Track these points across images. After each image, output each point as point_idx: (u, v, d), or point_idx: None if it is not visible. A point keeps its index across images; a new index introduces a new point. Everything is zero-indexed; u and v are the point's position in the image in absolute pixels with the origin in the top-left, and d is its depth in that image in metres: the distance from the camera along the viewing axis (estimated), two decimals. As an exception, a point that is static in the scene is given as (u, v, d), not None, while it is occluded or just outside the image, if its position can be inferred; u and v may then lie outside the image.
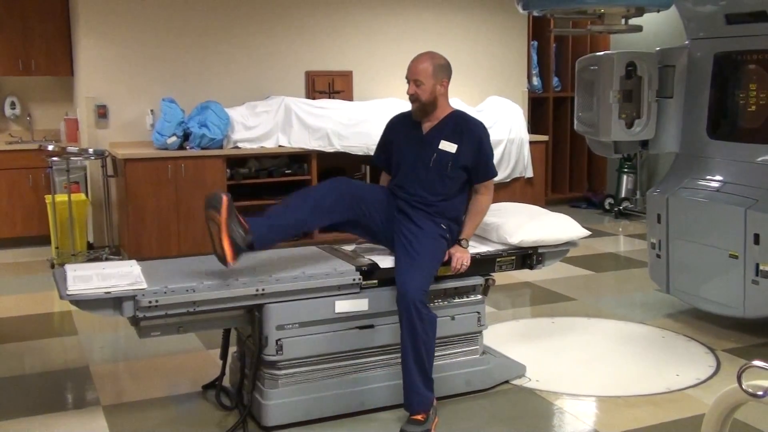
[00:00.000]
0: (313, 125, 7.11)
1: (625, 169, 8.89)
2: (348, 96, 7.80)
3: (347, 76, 7.86)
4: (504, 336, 4.58)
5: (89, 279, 3.18)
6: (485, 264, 3.77)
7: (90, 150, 6.64)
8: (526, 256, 3.89)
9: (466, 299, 3.73)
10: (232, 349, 3.77)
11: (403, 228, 3.55)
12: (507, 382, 3.91)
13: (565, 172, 9.59)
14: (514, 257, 3.85)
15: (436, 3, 8.23)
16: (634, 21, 4.78)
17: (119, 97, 7.07)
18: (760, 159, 4.51)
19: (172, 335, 3.34)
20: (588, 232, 4.07)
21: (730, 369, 4.09)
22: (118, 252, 6.85)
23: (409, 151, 3.66)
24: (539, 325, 4.94)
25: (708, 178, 4.75)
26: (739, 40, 4.61)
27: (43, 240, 6.93)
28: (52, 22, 7.29)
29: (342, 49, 7.86)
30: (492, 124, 7.77)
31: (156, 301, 3.13)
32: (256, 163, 7.08)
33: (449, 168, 3.58)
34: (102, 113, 7.01)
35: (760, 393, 1.98)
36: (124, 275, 3.23)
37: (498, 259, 3.81)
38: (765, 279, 4.28)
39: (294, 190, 3.70)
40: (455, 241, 3.63)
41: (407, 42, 7.92)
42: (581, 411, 3.68)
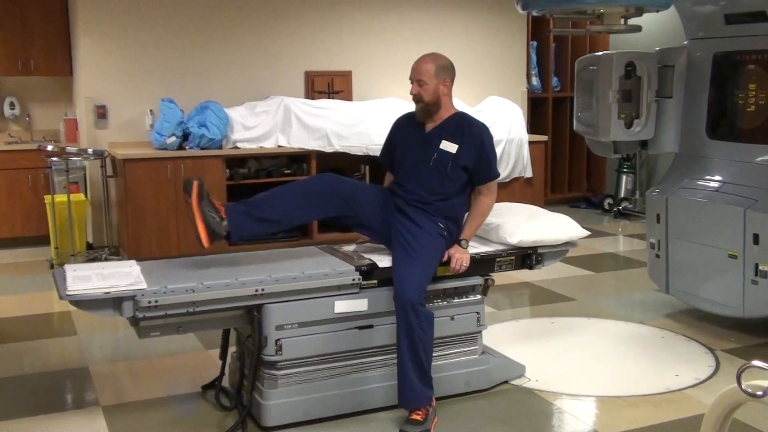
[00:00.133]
0: (313, 125, 7.11)
1: (625, 169, 8.89)
2: (347, 96, 7.80)
3: (347, 76, 7.86)
4: (503, 336, 4.58)
5: (89, 279, 3.18)
6: (485, 264, 3.77)
7: (89, 150, 6.64)
8: (525, 256, 3.89)
9: (465, 299, 3.73)
10: (231, 350, 3.78)
11: (401, 226, 3.56)
12: (506, 382, 3.91)
13: (565, 172, 9.59)
14: (513, 257, 3.85)
15: (435, 3, 8.23)
16: (633, 21, 4.78)
17: (118, 98, 7.07)
18: (759, 159, 4.51)
19: (171, 335, 3.34)
20: (587, 232, 4.07)
21: (729, 369, 4.09)
22: (117, 252, 6.85)
23: (411, 150, 3.69)
24: (539, 326, 4.94)
25: (707, 178, 4.75)
26: (739, 40, 4.61)
27: (43, 240, 6.93)
28: (51, 22, 7.29)
29: (341, 49, 7.86)
30: (491, 124, 7.72)
31: (155, 302, 3.13)
32: (255, 164, 7.08)
33: (449, 168, 3.59)
34: (101, 113, 7.01)
35: (759, 393, 1.98)
36: (123, 275, 3.23)
37: (497, 259, 3.81)
38: (764, 279, 4.28)
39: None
40: (454, 241, 3.64)
41: (407, 42, 7.94)
42: (581, 411, 3.68)
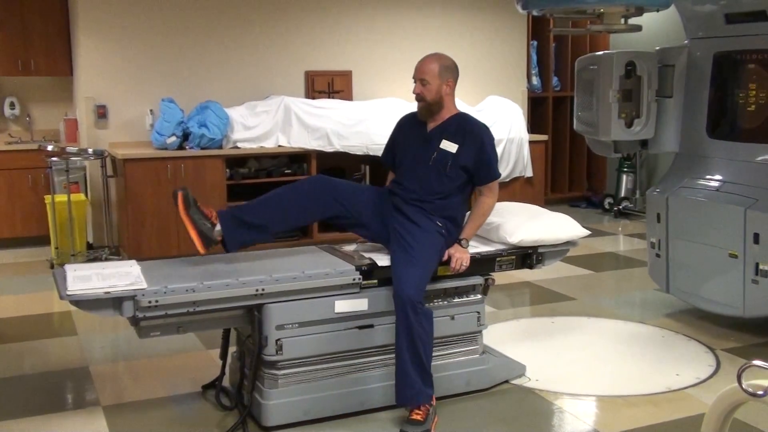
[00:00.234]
0: (313, 125, 7.11)
1: (625, 169, 8.89)
2: (347, 96, 7.79)
3: (347, 75, 7.86)
4: (504, 336, 4.58)
5: (89, 279, 3.18)
6: (485, 263, 3.77)
7: (89, 150, 6.64)
8: (525, 255, 3.89)
9: (465, 299, 3.73)
10: (231, 349, 3.77)
11: (399, 226, 3.56)
12: (507, 381, 3.91)
13: (565, 171, 9.59)
14: (513, 257, 3.85)
15: (435, 2, 8.22)
16: (633, 20, 4.78)
17: (119, 97, 7.07)
18: (759, 158, 4.51)
19: (171, 335, 3.33)
20: (588, 231, 4.07)
21: (729, 368, 4.09)
22: (117, 252, 6.85)
23: (411, 149, 3.71)
24: (539, 325, 4.94)
25: (707, 177, 4.75)
26: (739, 39, 4.61)
27: (43, 240, 6.93)
28: (51, 22, 7.29)
29: (341, 49, 7.86)
30: (492, 123, 7.71)
31: (156, 301, 3.13)
32: (255, 163, 7.08)
33: (448, 167, 3.60)
34: (101, 113, 7.01)
35: (760, 392, 1.97)
36: (123, 275, 3.23)
37: (498, 259, 3.81)
38: (765, 278, 4.28)
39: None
40: (453, 240, 3.63)
41: (407, 42, 7.94)
42: (581, 411, 3.68)
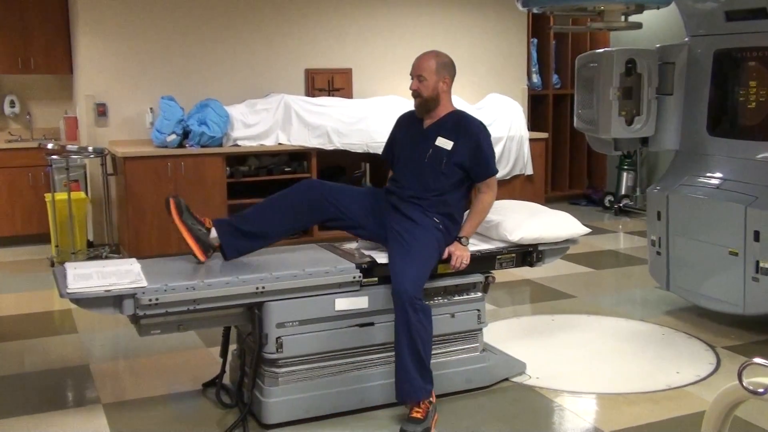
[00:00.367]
0: (313, 123, 7.10)
1: (625, 167, 8.88)
2: (348, 93, 7.79)
3: (347, 73, 7.86)
4: (504, 333, 4.58)
5: (89, 277, 3.18)
6: (485, 261, 3.77)
7: (89, 148, 6.64)
8: (526, 253, 3.89)
9: (466, 297, 3.73)
10: (232, 347, 3.78)
11: (396, 224, 3.57)
12: (507, 379, 3.91)
13: (565, 169, 9.59)
14: (514, 255, 3.85)
15: (436, 0, 8.22)
16: (633, 18, 4.78)
17: (119, 96, 7.07)
18: (760, 156, 4.50)
19: (172, 333, 3.33)
20: (588, 229, 4.07)
21: (730, 366, 4.09)
22: (118, 250, 6.85)
23: (408, 146, 3.73)
24: (539, 323, 4.94)
25: (708, 175, 4.75)
26: (739, 37, 4.60)
27: (43, 238, 6.93)
28: (51, 20, 7.28)
29: (341, 47, 7.86)
30: (492, 121, 7.76)
31: (156, 299, 3.13)
32: (255, 161, 7.08)
33: (443, 164, 3.60)
34: (101, 111, 7.01)
35: (761, 390, 1.98)
36: (124, 273, 3.23)
37: (498, 257, 3.81)
38: (765, 276, 4.28)
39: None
40: (452, 237, 3.63)
41: (407, 39, 7.93)
42: (581, 408, 3.68)
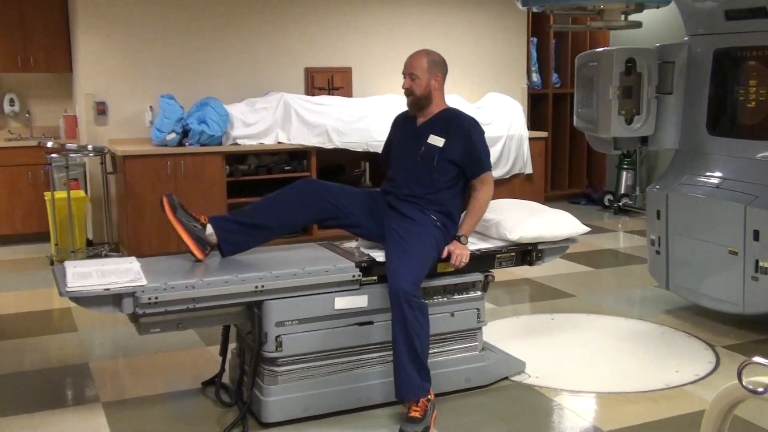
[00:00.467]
0: (313, 122, 7.10)
1: (625, 166, 8.88)
2: (347, 92, 7.79)
3: (347, 72, 7.86)
4: (503, 332, 4.58)
5: (89, 276, 3.18)
6: (485, 260, 3.77)
7: (89, 147, 6.63)
8: (525, 252, 3.89)
9: (465, 296, 3.73)
10: (231, 346, 3.78)
11: (393, 222, 3.58)
12: (506, 378, 3.91)
13: (565, 168, 9.59)
14: (513, 254, 3.85)
15: (435, -1, 8.24)
16: (633, 17, 4.78)
17: (118, 94, 7.07)
18: (759, 155, 4.50)
19: (171, 332, 3.33)
20: (587, 228, 4.07)
21: (729, 365, 4.09)
22: (117, 249, 6.84)
23: (402, 145, 3.77)
24: (539, 322, 4.94)
25: (708, 174, 4.75)
26: (739, 36, 4.60)
27: (43, 237, 6.93)
28: (51, 18, 7.28)
29: (341, 46, 7.86)
30: (491, 120, 7.77)
31: (155, 298, 3.13)
32: (255, 160, 7.08)
33: (435, 162, 3.62)
34: (101, 110, 7.01)
35: (760, 390, 1.97)
36: (123, 272, 3.23)
37: (497, 256, 3.81)
38: (764, 275, 4.28)
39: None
40: (450, 235, 3.64)
41: (406, 38, 7.92)
42: (581, 407, 3.68)
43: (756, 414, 3.39)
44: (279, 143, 7.07)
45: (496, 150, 7.71)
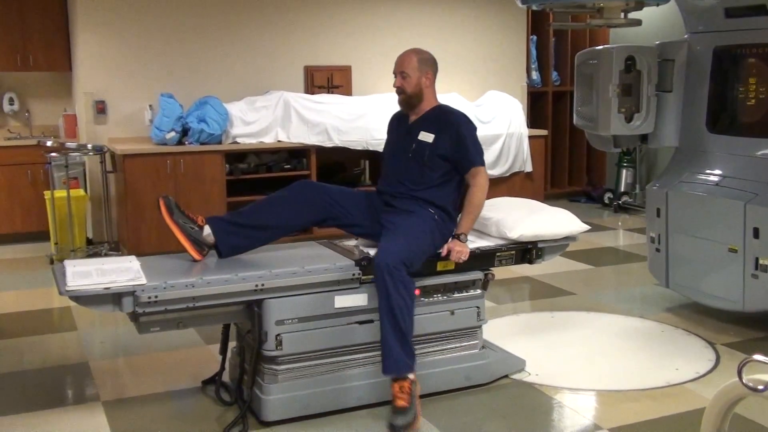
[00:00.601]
0: (312, 120, 7.10)
1: (625, 164, 8.88)
2: (347, 91, 7.79)
3: (346, 70, 7.85)
4: (504, 330, 4.58)
5: (88, 274, 3.18)
6: (484, 259, 3.77)
7: (89, 146, 6.63)
8: (525, 250, 3.89)
9: (465, 294, 3.73)
10: (231, 345, 3.78)
11: (390, 217, 3.62)
12: (507, 376, 3.91)
13: (565, 166, 9.58)
14: (513, 252, 3.85)
15: (435, -3, 8.23)
16: (633, 15, 4.78)
17: (118, 93, 7.06)
18: (759, 153, 4.50)
19: (171, 331, 3.33)
20: (587, 226, 4.07)
21: (729, 363, 4.09)
22: (117, 247, 6.84)
23: (395, 143, 3.84)
24: (539, 320, 4.94)
25: (707, 172, 4.75)
26: (739, 33, 4.60)
27: (42, 236, 6.93)
28: (50, 17, 7.27)
29: (341, 44, 7.85)
30: (491, 118, 7.77)
31: (155, 297, 3.13)
32: (255, 159, 7.07)
33: (426, 157, 3.65)
34: (100, 109, 7.01)
35: (760, 387, 1.98)
36: (123, 271, 3.23)
37: (497, 254, 3.81)
38: (764, 273, 4.28)
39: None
40: (447, 230, 3.65)
41: (406, 36, 7.91)
42: (581, 405, 3.68)
43: (756, 412, 3.39)
44: (279, 142, 7.06)
45: (495, 148, 7.72)
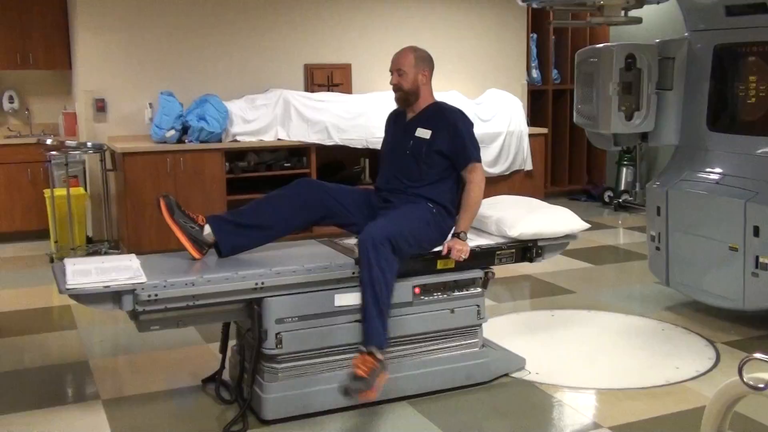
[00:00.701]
0: (312, 118, 7.10)
1: (625, 162, 8.87)
2: (347, 89, 7.78)
3: (346, 69, 7.85)
4: (504, 329, 4.58)
5: (88, 273, 3.18)
6: (485, 257, 3.76)
7: (88, 144, 6.63)
8: (525, 249, 3.89)
9: (465, 292, 3.72)
10: (231, 343, 3.78)
11: (386, 213, 3.61)
12: (507, 375, 3.91)
13: (565, 164, 9.58)
14: (513, 250, 3.85)
15: (435, -5, 8.22)
16: (633, 13, 4.77)
17: (117, 91, 7.06)
18: (759, 151, 4.50)
19: (171, 329, 3.34)
20: (587, 224, 4.07)
21: (729, 361, 4.09)
22: (117, 246, 6.85)
23: (392, 140, 3.86)
24: (539, 318, 4.94)
25: (708, 170, 4.74)
26: (739, 31, 4.60)
27: (42, 234, 6.93)
28: (50, 15, 7.27)
29: (341, 42, 7.85)
30: (491, 116, 7.77)
31: (155, 295, 3.13)
32: (255, 157, 7.07)
33: (423, 154, 3.66)
34: (100, 107, 7.01)
35: (761, 386, 1.98)
36: (123, 269, 3.23)
37: (497, 252, 3.80)
38: (765, 271, 4.27)
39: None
40: (446, 225, 3.65)
41: (406, 35, 7.89)
42: (581, 404, 3.68)
43: (757, 410, 3.39)
44: (279, 140, 7.06)
45: (495, 146, 7.71)
